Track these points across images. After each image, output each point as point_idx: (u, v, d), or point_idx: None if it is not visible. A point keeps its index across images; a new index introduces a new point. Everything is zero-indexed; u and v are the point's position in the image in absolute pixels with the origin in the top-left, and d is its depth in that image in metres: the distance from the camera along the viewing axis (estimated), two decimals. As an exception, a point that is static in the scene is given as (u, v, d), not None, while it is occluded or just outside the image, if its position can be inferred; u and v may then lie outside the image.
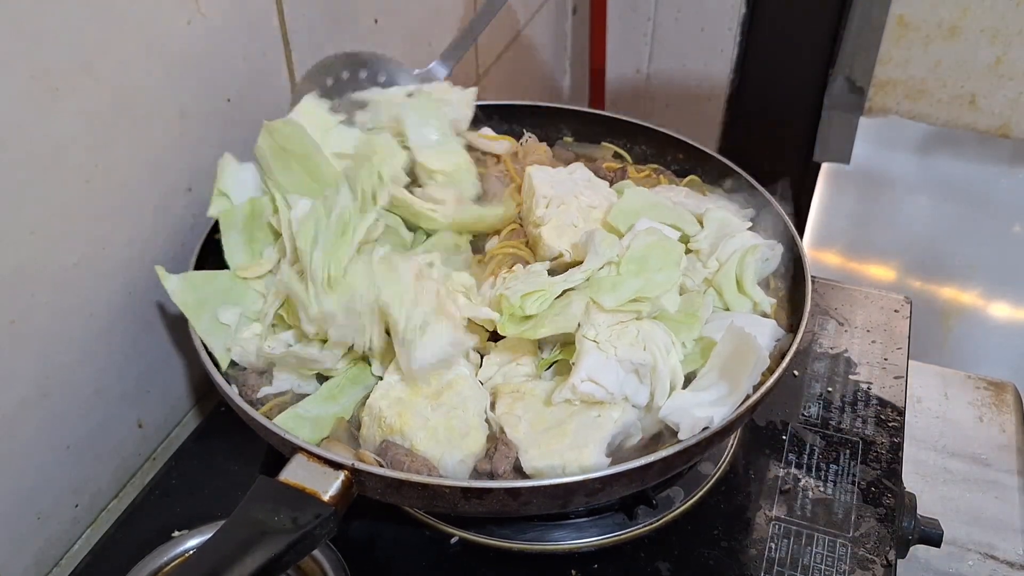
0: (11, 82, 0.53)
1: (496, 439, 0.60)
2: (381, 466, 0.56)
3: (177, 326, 0.74)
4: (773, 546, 0.66)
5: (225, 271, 0.67)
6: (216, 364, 0.63)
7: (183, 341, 0.74)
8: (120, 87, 0.62)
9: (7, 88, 0.53)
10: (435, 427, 0.59)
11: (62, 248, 0.60)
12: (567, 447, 0.57)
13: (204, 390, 0.80)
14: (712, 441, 0.57)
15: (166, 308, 0.72)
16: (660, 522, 0.67)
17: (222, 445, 0.73)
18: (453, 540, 0.66)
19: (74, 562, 0.66)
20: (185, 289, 0.65)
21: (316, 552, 0.63)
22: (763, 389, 0.59)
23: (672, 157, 0.87)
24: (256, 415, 0.58)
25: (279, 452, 0.58)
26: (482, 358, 0.65)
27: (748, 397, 0.59)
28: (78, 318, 0.63)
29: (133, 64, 0.63)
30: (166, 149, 0.68)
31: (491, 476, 0.58)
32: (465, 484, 0.53)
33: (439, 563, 0.65)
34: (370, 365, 0.65)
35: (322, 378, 0.65)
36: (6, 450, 0.59)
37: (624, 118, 0.89)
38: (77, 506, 0.67)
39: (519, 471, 0.58)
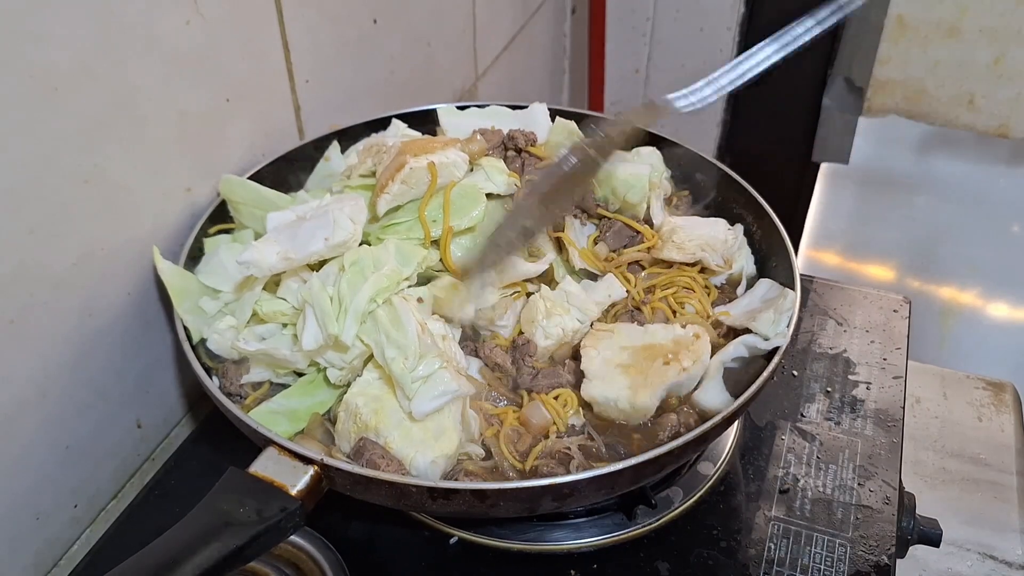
0: (11, 82, 0.53)
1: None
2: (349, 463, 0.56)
3: (175, 326, 0.73)
4: (772, 546, 0.66)
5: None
6: (196, 352, 0.64)
7: (181, 341, 0.74)
8: (120, 87, 0.62)
9: (7, 88, 0.53)
10: (410, 427, 0.59)
11: (61, 248, 0.60)
12: (627, 384, 0.62)
13: (202, 390, 0.79)
14: (663, 462, 0.57)
15: (165, 308, 0.72)
16: (659, 522, 0.67)
17: (221, 445, 0.73)
18: (452, 540, 0.66)
19: (73, 562, 0.66)
20: (176, 273, 0.68)
21: (315, 552, 0.63)
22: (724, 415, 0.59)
23: (671, 159, 0.87)
24: (231, 407, 0.58)
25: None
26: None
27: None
28: (77, 318, 0.63)
29: (133, 64, 0.63)
30: (166, 149, 0.68)
31: (515, 382, 0.65)
32: (431, 484, 0.53)
33: (439, 563, 0.65)
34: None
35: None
36: (5, 450, 0.59)
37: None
38: (76, 506, 0.67)
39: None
